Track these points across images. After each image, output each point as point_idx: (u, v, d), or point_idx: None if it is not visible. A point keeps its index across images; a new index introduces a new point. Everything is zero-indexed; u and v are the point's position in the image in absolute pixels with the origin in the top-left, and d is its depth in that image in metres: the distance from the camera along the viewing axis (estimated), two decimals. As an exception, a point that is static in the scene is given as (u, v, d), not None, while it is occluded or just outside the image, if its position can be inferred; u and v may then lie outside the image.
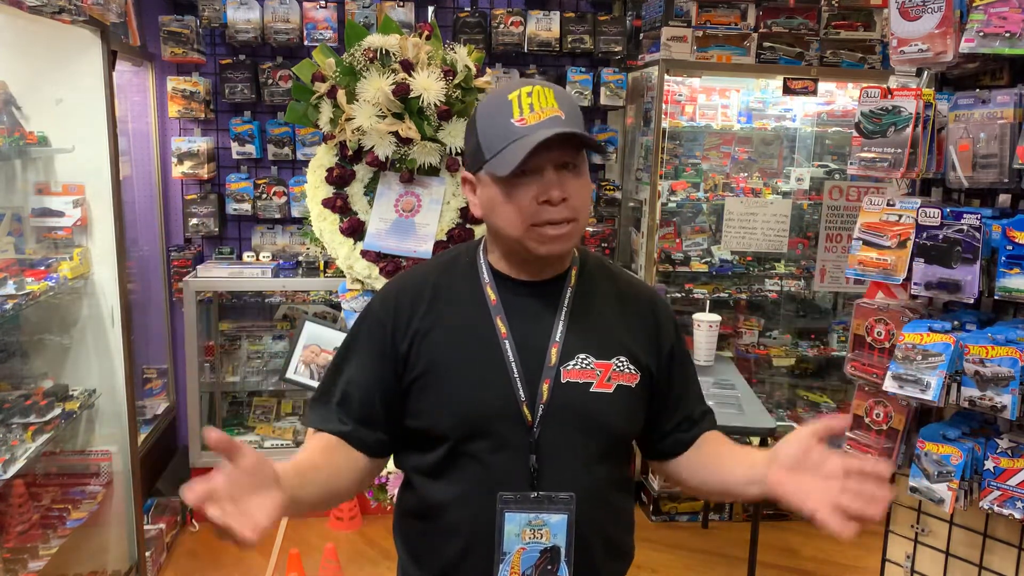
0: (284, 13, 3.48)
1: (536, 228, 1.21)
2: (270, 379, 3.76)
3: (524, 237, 1.22)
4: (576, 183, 1.22)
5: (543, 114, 1.19)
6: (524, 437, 1.25)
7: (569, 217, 1.21)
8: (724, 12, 3.58)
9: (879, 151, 1.85)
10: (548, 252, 1.24)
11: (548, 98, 1.21)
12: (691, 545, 3.55)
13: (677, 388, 1.40)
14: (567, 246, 1.25)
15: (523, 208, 1.20)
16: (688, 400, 1.41)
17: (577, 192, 1.22)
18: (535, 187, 1.20)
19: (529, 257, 1.26)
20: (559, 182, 1.20)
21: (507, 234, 1.24)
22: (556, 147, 1.19)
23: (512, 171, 1.18)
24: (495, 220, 1.26)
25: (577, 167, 1.23)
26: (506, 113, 1.21)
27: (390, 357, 1.29)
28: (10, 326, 2.58)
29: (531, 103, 1.20)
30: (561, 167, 1.21)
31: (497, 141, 1.21)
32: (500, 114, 1.21)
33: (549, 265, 1.30)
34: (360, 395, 1.30)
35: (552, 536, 1.20)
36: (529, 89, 1.21)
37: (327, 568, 3.03)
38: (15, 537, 2.35)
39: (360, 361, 1.32)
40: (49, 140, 2.51)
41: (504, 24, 3.61)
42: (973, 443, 1.75)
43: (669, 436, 1.40)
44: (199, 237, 3.79)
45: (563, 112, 1.20)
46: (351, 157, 2.81)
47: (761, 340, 4.00)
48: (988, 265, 1.70)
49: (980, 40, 1.68)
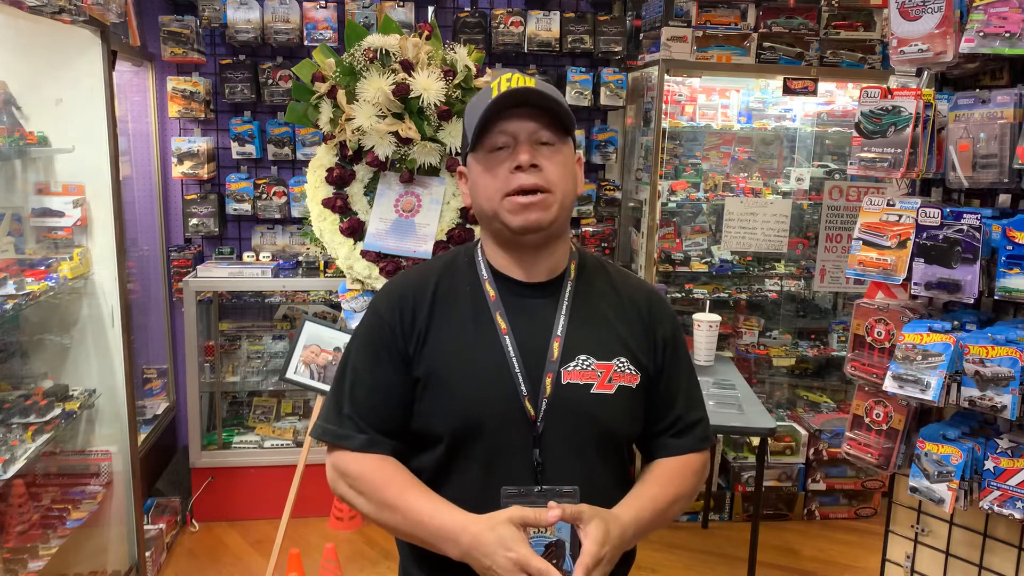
0: (284, 13, 3.48)
1: (509, 198, 1.24)
2: (270, 379, 3.76)
3: (500, 208, 1.26)
4: (552, 158, 1.26)
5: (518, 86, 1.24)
6: (528, 432, 1.25)
7: (540, 185, 1.24)
8: (724, 12, 3.58)
9: (879, 151, 1.85)
10: (523, 222, 1.25)
11: (528, 81, 1.26)
12: (691, 545, 3.55)
13: (670, 382, 1.37)
14: (542, 216, 1.25)
15: (497, 179, 1.25)
16: (681, 399, 1.39)
17: (551, 165, 1.25)
18: (509, 157, 1.24)
19: (510, 234, 1.28)
20: (531, 152, 1.23)
21: (486, 210, 1.28)
22: (528, 117, 1.23)
23: (479, 126, 1.23)
24: (478, 199, 1.30)
25: (555, 147, 1.26)
26: (486, 95, 1.26)
27: (401, 360, 1.30)
28: (10, 326, 2.58)
29: (510, 83, 1.25)
30: (538, 144, 1.25)
31: (476, 120, 1.25)
32: (481, 99, 1.27)
33: (538, 253, 1.30)
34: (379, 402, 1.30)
35: (556, 530, 1.20)
36: (509, 75, 1.27)
37: (327, 568, 3.03)
38: (15, 537, 2.35)
39: (376, 367, 1.31)
40: (49, 140, 2.51)
41: (504, 24, 3.61)
42: (973, 443, 1.74)
43: (659, 437, 1.39)
44: (199, 237, 3.79)
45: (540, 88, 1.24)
46: (351, 157, 2.81)
47: (761, 340, 4.00)
48: (988, 265, 1.70)
49: (980, 40, 1.68)
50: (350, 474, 1.29)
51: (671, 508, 1.33)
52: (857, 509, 3.90)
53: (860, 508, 3.90)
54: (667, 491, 1.33)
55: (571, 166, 1.30)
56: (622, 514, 1.24)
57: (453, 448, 1.27)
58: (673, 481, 1.35)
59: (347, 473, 1.29)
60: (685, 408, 1.39)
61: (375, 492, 1.26)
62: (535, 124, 1.24)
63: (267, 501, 3.54)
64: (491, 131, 1.25)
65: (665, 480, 1.35)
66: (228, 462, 3.60)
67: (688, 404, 1.40)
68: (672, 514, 1.34)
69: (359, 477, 1.28)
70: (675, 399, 1.38)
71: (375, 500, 1.26)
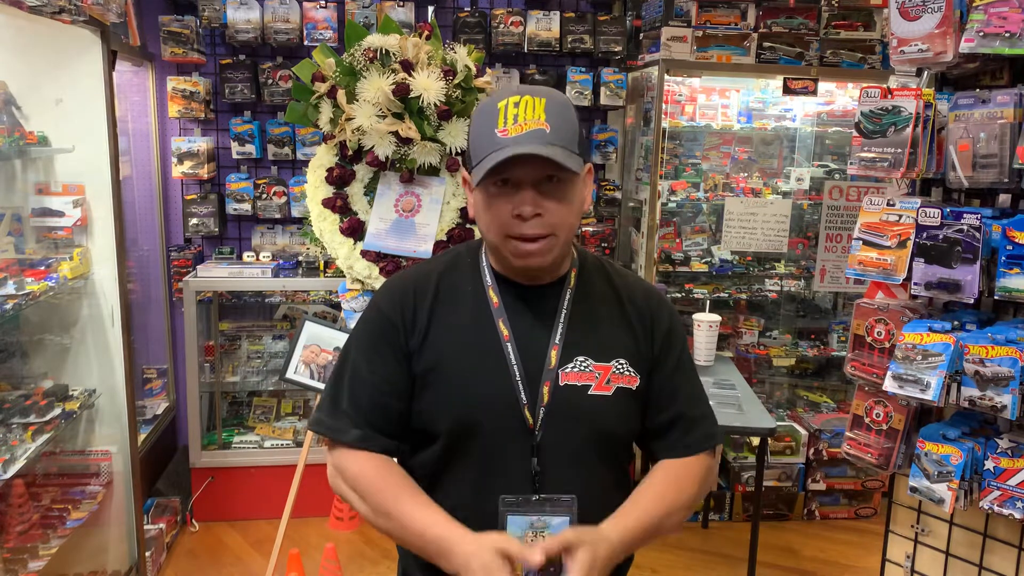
0: (284, 13, 3.48)
1: (511, 240, 1.22)
2: (270, 379, 3.76)
3: (501, 246, 1.24)
4: (556, 198, 1.21)
5: (526, 126, 1.18)
6: (526, 440, 1.25)
7: (543, 233, 1.21)
8: (724, 12, 3.58)
9: (879, 151, 1.85)
10: (524, 265, 1.25)
11: (536, 108, 1.19)
12: (691, 545, 3.55)
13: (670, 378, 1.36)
14: (543, 260, 1.24)
15: (500, 219, 1.22)
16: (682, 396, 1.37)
17: (555, 208, 1.21)
18: (512, 199, 1.20)
19: (513, 268, 1.28)
20: (534, 198, 1.19)
21: (489, 240, 1.27)
22: (534, 162, 1.17)
23: (479, 183, 1.20)
24: (480, 224, 1.28)
25: (561, 180, 1.21)
26: (492, 122, 1.20)
27: (402, 355, 1.29)
28: (10, 326, 2.58)
29: (516, 114, 1.19)
30: (543, 180, 1.20)
31: (480, 149, 1.21)
32: (488, 122, 1.21)
33: (538, 272, 1.30)
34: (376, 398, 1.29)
35: None
36: (517, 99, 1.20)
37: (327, 568, 3.03)
38: (15, 537, 2.35)
39: (376, 362, 1.30)
40: (49, 140, 2.51)
41: (504, 24, 3.61)
42: (973, 443, 1.74)
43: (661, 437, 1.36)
44: (199, 237, 3.79)
45: (549, 125, 1.18)
46: (351, 157, 2.81)
47: (761, 340, 4.00)
48: (988, 265, 1.70)
49: (980, 40, 1.68)
50: (348, 473, 1.28)
51: (666, 520, 1.29)
52: (857, 509, 3.90)
53: (860, 508, 3.90)
54: (663, 502, 1.29)
55: (578, 195, 1.26)
56: (610, 533, 1.21)
57: (450, 448, 1.27)
58: (671, 490, 1.31)
59: (345, 472, 1.29)
60: (687, 405, 1.37)
61: (371, 496, 1.26)
62: (540, 166, 1.19)
63: (267, 501, 3.54)
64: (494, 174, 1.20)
65: (663, 489, 1.32)
66: (228, 462, 3.60)
67: (690, 402, 1.38)
68: (668, 526, 1.30)
69: (357, 478, 1.27)
70: (675, 395, 1.36)
71: (371, 503, 1.26)
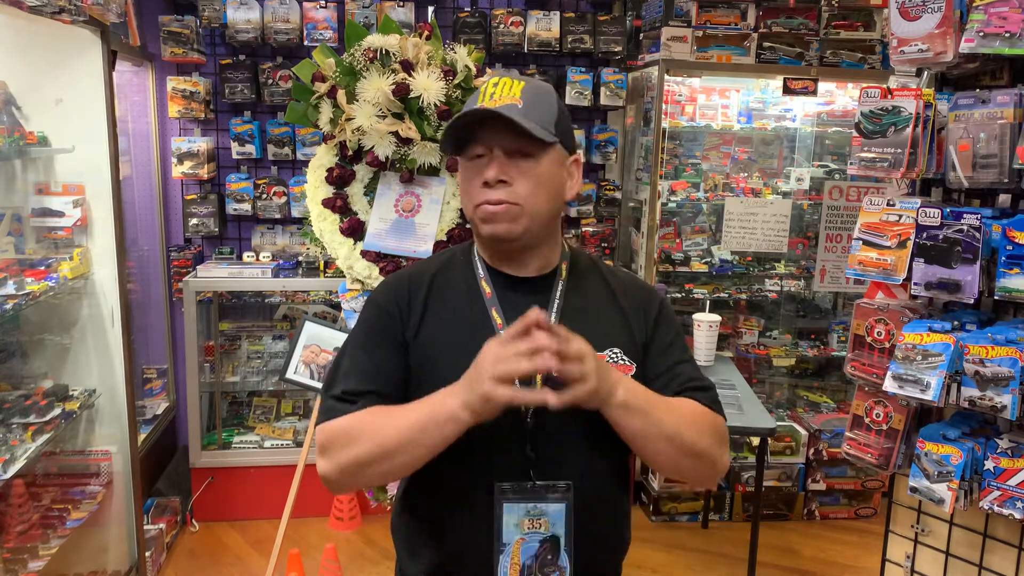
0: (284, 13, 3.48)
1: (479, 207, 1.26)
2: (270, 379, 3.76)
3: (474, 216, 1.28)
4: (527, 171, 1.24)
5: (500, 101, 1.23)
6: (520, 427, 1.26)
7: (505, 199, 1.23)
8: (724, 12, 3.58)
9: (879, 151, 1.85)
10: (491, 232, 1.26)
11: (514, 88, 1.25)
12: (691, 545, 3.55)
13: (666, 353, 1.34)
14: (510, 228, 1.25)
15: (471, 191, 1.27)
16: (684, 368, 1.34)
17: (523, 179, 1.24)
18: (481, 168, 1.25)
19: (488, 241, 1.30)
20: (500, 164, 1.23)
21: (467, 214, 1.31)
22: (503, 131, 1.22)
23: (448, 141, 1.26)
24: (461, 201, 1.33)
25: (533, 156, 1.25)
26: (473, 101, 1.27)
27: (400, 344, 1.30)
28: (10, 326, 2.58)
29: (494, 92, 1.25)
30: (514, 154, 1.24)
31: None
32: (471, 103, 1.28)
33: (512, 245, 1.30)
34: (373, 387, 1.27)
35: (551, 526, 1.20)
36: (497, 80, 1.26)
37: (327, 568, 3.03)
38: (15, 537, 2.35)
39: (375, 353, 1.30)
40: (49, 140, 2.51)
41: (504, 24, 3.61)
42: (973, 443, 1.75)
43: None
44: (199, 237, 3.79)
45: (523, 102, 1.23)
46: (351, 157, 2.81)
47: (761, 340, 4.00)
48: (988, 265, 1.70)
49: (980, 40, 1.68)
50: (334, 434, 1.23)
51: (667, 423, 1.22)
52: (857, 509, 3.90)
53: (860, 508, 3.90)
54: (675, 411, 1.25)
55: (552, 176, 1.27)
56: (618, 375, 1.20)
57: None
58: (686, 409, 1.27)
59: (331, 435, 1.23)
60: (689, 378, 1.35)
61: (362, 430, 1.20)
62: (511, 136, 1.22)
63: (267, 501, 3.54)
64: (469, 141, 1.26)
65: (679, 403, 1.28)
66: (228, 462, 3.60)
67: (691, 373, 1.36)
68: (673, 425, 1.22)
69: (343, 429, 1.22)
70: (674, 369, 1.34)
71: (367, 436, 1.19)
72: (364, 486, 1.27)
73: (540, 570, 1.21)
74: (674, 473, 1.32)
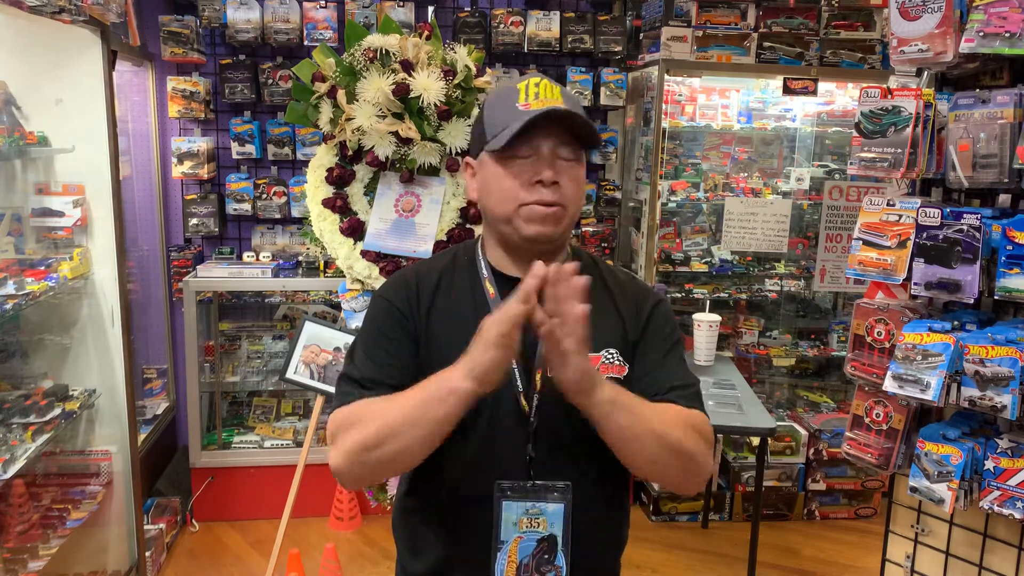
0: (284, 13, 3.48)
1: (526, 207, 1.24)
2: (270, 379, 3.76)
3: (514, 215, 1.26)
4: (570, 174, 1.26)
5: (546, 102, 1.24)
6: (522, 427, 1.26)
7: (558, 201, 1.24)
8: (724, 12, 3.58)
9: (879, 151, 1.85)
10: (535, 233, 1.26)
11: (554, 91, 1.26)
12: (691, 545, 3.55)
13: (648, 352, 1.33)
14: (554, 230, 1.27)
15: (516, 188, 1.25)
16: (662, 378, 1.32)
17: (569, 182, 1.26)
18: (530, 167, 1.24)
19: (518, 240, 1.28)
20: (553, 166, 1.24)
21: (498, 213, 1.28)
22: (555, 133, 1.23)
23: (508, 141, 1.22)
24: (489, 200, 1.29)
25: (574, 162, 1.27)
26: (513, 98, 1.26)
27: (413, 339, 1.30)
28: (10, 326, 2.58)
29: (537, 92, 1.26)
30: (559, 156, 1.25)
31: (500, 122, 1.25)
32: (507, 99, 1.27)
33: (546, 244, 1.30)
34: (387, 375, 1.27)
35: (549, 525, 1.21)
36: (538, 80, 1.27)
37: (327, 568, 3.03)
38: (15, 537, 2.35)
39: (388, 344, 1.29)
40: (49, 140, 2.51)
41: (504, 24, 3.61)
42: (973, 443, 1.75)
43: None
44: (199, 237, 3.79)
45: (566, 105, 1.25)
46: (351, 157, 2.81)
47: (761, 340, 4.00)
48: (988, 265, 1.70)
49: (980, 40, 1.68)
50: (342, 418, 1.23)
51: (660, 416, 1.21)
52: (857, 509, 3.90)
53: (860, 508, 3.90)
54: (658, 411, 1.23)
55: (583, 181, 1.32)
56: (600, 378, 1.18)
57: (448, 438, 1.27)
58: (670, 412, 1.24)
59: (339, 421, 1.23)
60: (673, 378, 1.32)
61: (368, 412, 1.20)
62: (558, 139, 1.24)
63: (267, 501, 3.54)
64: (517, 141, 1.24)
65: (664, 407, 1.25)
66: (228, 462, 3.60)
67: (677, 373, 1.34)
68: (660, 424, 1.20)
69: (350, 412, 1.22)
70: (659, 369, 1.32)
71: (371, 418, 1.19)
72: (372, 476, 1.24)
73: (537, 569, 1.22)
74: (658, 475, 1.28)
